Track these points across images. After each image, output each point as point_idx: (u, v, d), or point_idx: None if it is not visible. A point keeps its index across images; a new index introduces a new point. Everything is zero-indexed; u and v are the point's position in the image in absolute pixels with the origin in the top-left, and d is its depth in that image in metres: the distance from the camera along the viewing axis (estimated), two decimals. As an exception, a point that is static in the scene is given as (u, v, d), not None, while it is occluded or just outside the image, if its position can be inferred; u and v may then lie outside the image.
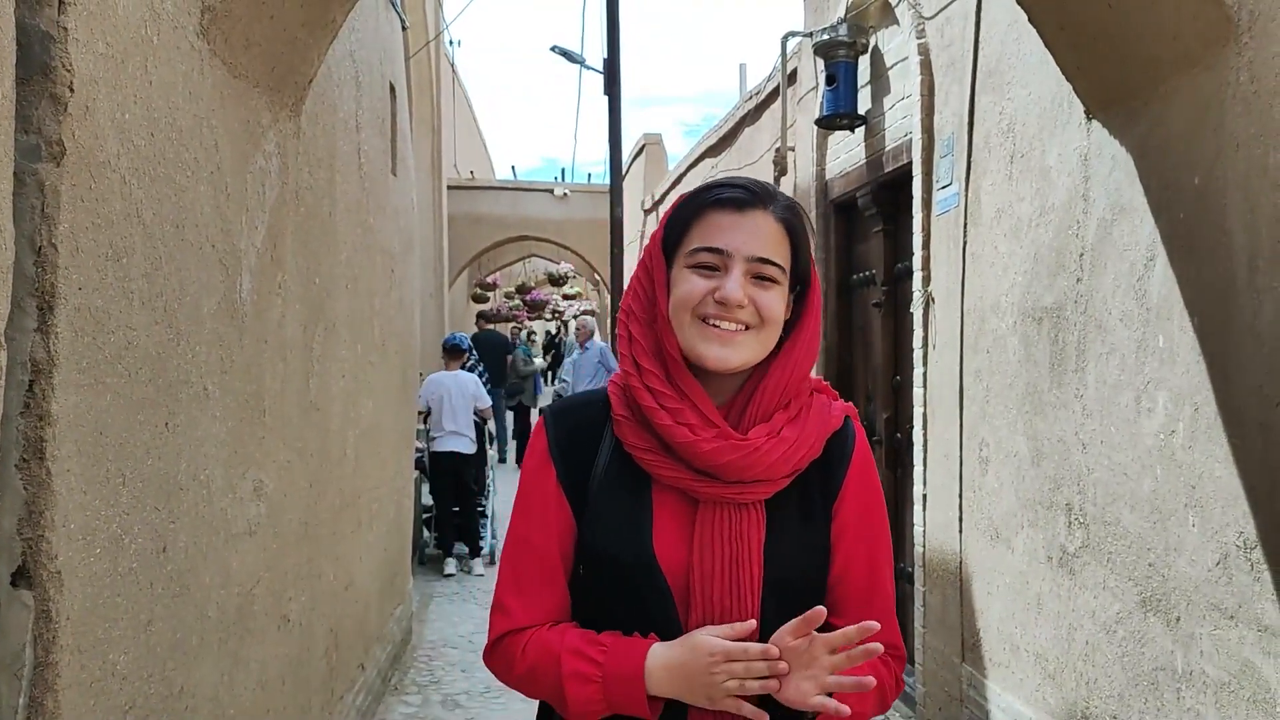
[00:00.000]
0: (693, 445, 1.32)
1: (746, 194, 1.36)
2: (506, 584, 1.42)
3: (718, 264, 1.34)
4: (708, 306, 1.33)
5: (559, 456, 1.41)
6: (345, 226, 3.88)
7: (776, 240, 1.36)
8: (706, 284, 1.34)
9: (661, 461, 1.35)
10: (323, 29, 2.80)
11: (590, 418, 1.44)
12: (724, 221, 1.35)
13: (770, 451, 1.33)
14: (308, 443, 3.27)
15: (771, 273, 1.35)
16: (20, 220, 1.55)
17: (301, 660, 3.21)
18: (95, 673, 1.74)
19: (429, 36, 10.58)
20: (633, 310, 1.41)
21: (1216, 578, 2.47)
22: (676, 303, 1.36)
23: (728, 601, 1.33)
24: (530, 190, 17.06)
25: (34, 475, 1.58)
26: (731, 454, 1.32)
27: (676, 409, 1.34)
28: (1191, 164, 2.53)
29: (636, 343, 1.39)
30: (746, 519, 1.35)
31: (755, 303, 1.34)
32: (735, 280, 1.33)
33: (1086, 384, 3.10)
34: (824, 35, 5.16)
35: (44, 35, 1.61)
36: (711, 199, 1.37)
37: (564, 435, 1.43)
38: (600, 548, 1.37)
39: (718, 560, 1.33)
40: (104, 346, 1.76)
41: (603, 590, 1.38)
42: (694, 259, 1.35)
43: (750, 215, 1.35)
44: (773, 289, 1.35)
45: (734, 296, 1.32)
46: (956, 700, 4.10)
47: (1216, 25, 2.36)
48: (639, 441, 1.37)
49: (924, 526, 4.47)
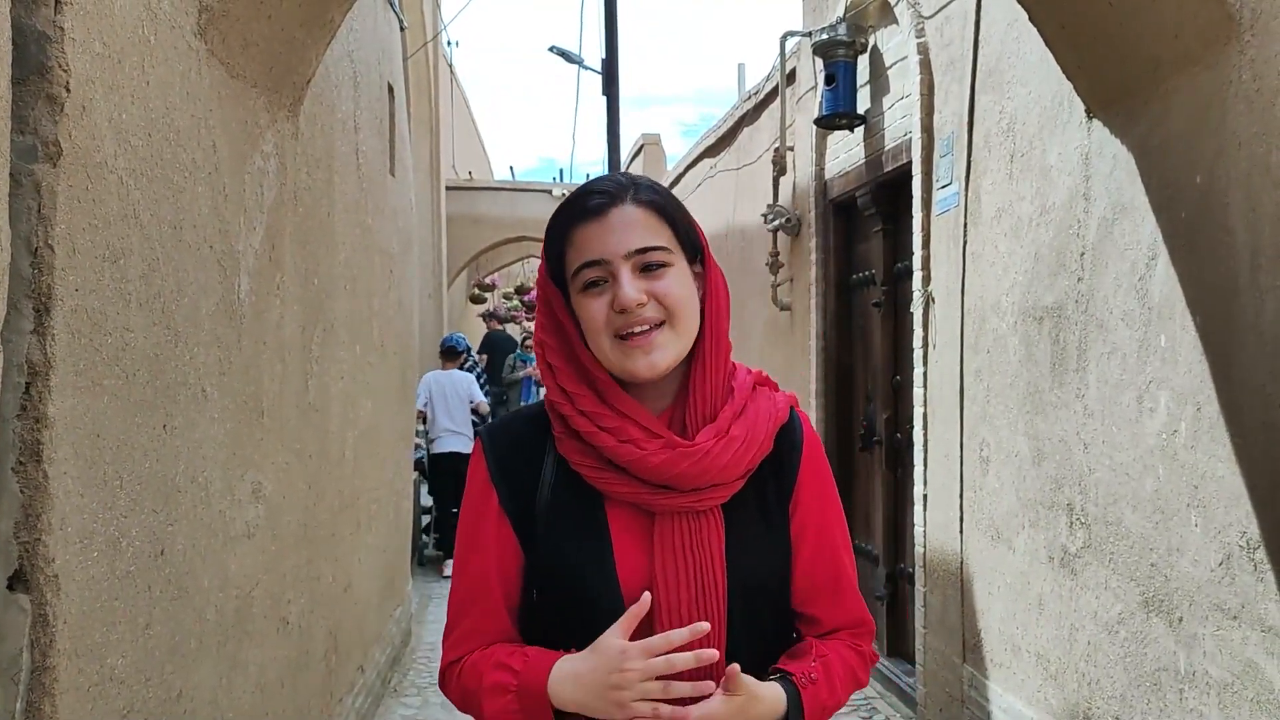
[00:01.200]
0: (642, 460, 1.29)
1: (601, 197, 1.33)
2: (451, 614, 1.41)
3: (604, 274, 1.31)
4: (615, 321, 1.30)
5: (500, 479, 1.38)
6: (344, 227, 3.87)
7: (648, 225, 1.32)
8: (604, 300, 1.31)
9: (612, 478, 1.32)
10: (321, 29, 2.79)
11: (530, 434, 1.40)
12: (590, 232, 1.32)
13: (721, 453, 1.30)
14: (306, 444, 3.25)
15: (656, 257, 1.31)
16: (17, 221, 1.54)
17: (301, 663, 3.20)
18: (93, 677, 1.73)
19: (427, 37, 10.57)
20: (546, 342, 1.38)
21: (1219, 578, 2.46)
22: (588, 329, 1.32)
23: (695, 611, 1.30)
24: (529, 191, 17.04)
25: (31, 478, 1.57)
26: (682, 463, 1.29)
27: (616, 427, 1.31)
28: (1193, 163, 2.52)
29: (560, 371, 1.35)
30: (706, 526, 1.32)
31: (654, 295, 1.30)
32: (625, 283, 1.29)
33: (1088, 384, 3.09)
34: (823, 35, 5.15)
35: (40, 35, 1.60)
36: (570, 215, 1.34)
37: (504, 455, 1.39)
38: (559, 569, 1.33)
39: (681, 571, 1.30)
40: (101, 348, 1.75)
41: (558, 613, 1.34)
42: (580, 279, 1.32)
43: (612, 214, 1.31)
44: (666, 272, 1.31)
45: (629, 298, 1.28)
46: (957, 701, 4.09)
47: (1218, 24, 2.35)
48: (585, 460, 1.33)
49: (924, 527, 4.46)
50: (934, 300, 4.37)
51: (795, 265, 6.38)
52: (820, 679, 1.35)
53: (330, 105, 3.62)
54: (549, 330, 1.38)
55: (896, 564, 5.11)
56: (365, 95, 4.43)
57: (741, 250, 7.39)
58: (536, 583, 1.37)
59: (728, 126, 7.97)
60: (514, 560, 1.38)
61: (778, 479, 1.39)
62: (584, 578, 1.31)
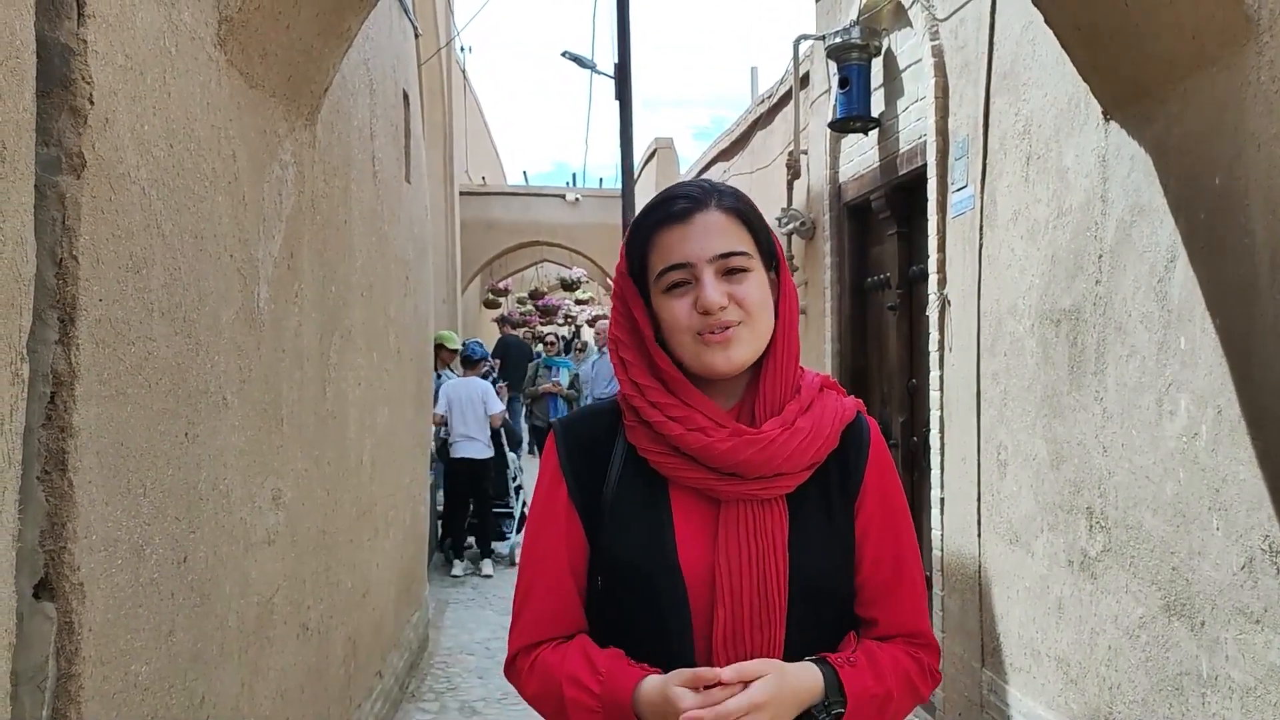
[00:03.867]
0: (709, 447, 1.33)
1: (686, 202, 1.38)
2: (519, 601, 1.45)
3: (687, 277, 1.35)
4: (696, 321, 1.35)
5: (570, 471, 1.42)
6: (361, 234, 3.89)
7: (731, 231, 1.37)
8: (687, 300, 1.35)
9: (680, 464, 1.36)
10: (338, 38, 2.81)
11: (600, 427, 1.45)
12: (675, 236, 1.36)
13: (787, 442, 1.34)
14: (325, 451, 3.27)
15: (738, 262, 1.36)
16: (41, 233, 1.56)
17: (320, 668, 3.21)
18: (117, 684, 1.74)
19: (440, 43, 10.61)
20: (620, 339, 1.43)
21: (1242, 581, 2.44)
22: (670, 329, 1.37)
23: (755, 599, 1.33)
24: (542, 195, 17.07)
25: (56, 487, 1.58)
26: (748, 449, 1.32)
27: (684, 416, 1.35)
28: (1211, 164, 2.51)
29: (632, 365, 1.40)
30: (770, 515, 1.35)
31: (734, 298, 1.34)
32: (708, 286, 1.33)
33: (1106, 386, 3.08)
34: (836, 38, 5.15)
35: (64, 48, 1.62)
36: (656, 220, 1.39)
37: (575, 447, 1.44)
38: (622, 556, 1.37)
39: (744, 558, 1.33)
40: (124, 358, 1.77)
41: (622, 600, 1.37)
42: (665, 281, 1.37)
43: (697, 220, 1.36)
44: (747, 277, 1.36)
45: (712, 301, 1.33)
46: (977, 706, 4.07)
47: (1235, 24, 2.34)
48: (655, 446, 1.37)
49: (941, 531, 4.45)
50: (950, 303, 4.36)
51: (810, 269, 6.37)
52: (862, 665, 1.35)
53: (347, 113, 3.64)
54: (624, 327, 1.43)
55: (914, 568, 5.09)
56: (381, 103, 4.45)
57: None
58: (600, 569, 1.40)
59: (741, 130, 7.98)
60: (580, 549, 1.42)
61: (843, 476, 1.41)
62: (646, 561, 1.35)
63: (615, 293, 1.45)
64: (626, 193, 11.95)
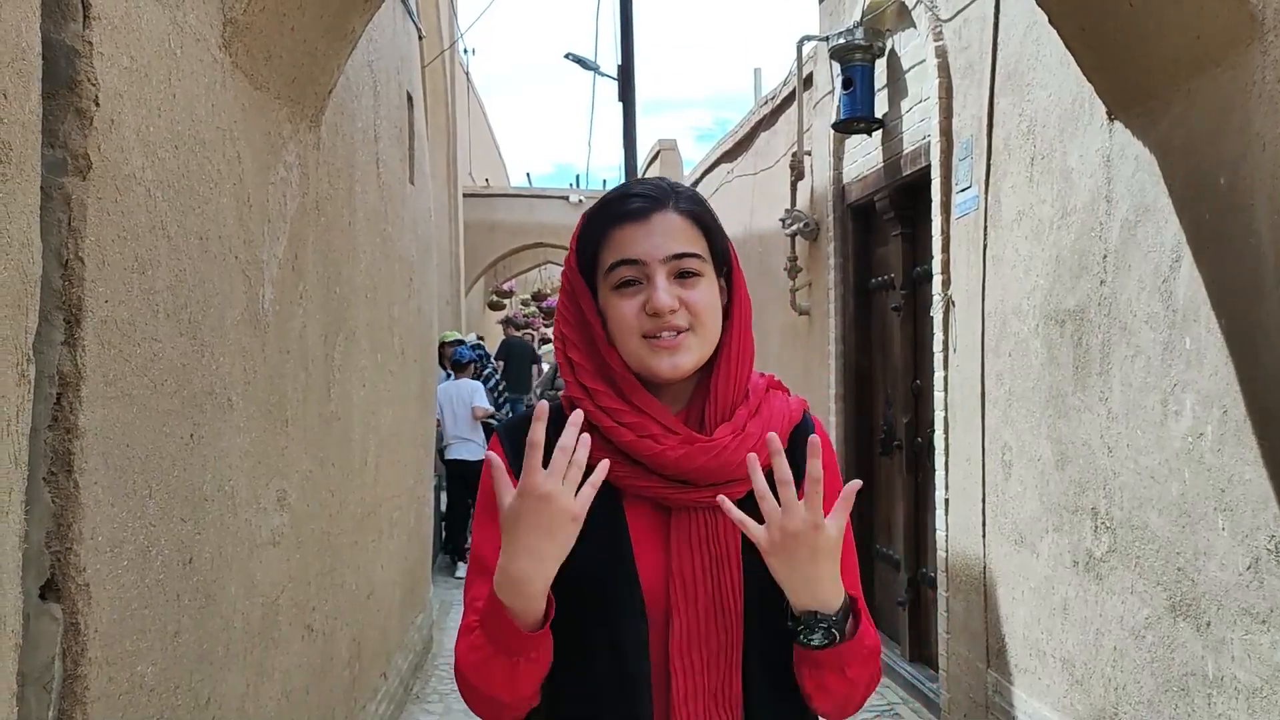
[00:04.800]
0: (660, 455, 1.30)
1: (645, 200, 1.35)
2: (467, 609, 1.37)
3: (638, 275, 1.33)
4: (644, 323, 1.32)
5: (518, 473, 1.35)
6: (365, 236, 3.89)
7: (687, 233, 1.35)
8: (635, 301, 1.33)
9: (630, 471, 1.33)
10: (342, 40, 2.81)
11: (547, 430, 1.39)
12: (630, 233, 1.34)
13: (739, 449, 1.31)
14: (329, 452, 3.27)
15: (691, 265, 1.33)
16: (47, 234, 1.56)
17: (325, 669, 3.21)
18: (123, 685, 1.74)
19: (444, 45, 10.62)
20: (567, 336, 1.39)
21: (1248, 582, 2.44)
22: (615, 328, 1.34)
23: (711, 607, 1.31)
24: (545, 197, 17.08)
25: (62, 488, 1.59)
26: (701, 457, 1.30)
27: (636, 423, 1.32)
28: (1217, 164, 2.51)
29: (579, 367, 1.36)
30: (722, 521, 1.32)
31: (685, 302, 1.32)
32: (660, 288, 1.31)
33: (1111, 387, 3.08)
34: (840, 39, 5.15)
35: (69, 50, 1.62)
36: (612, 215, 1.36)
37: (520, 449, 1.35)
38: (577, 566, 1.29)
39: (698, 566, 1.31)
40: (130, 359, 1.77)
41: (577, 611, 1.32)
42: (614, 277, 1.34)
43: (654, 219, 1.34)
44: (698, 282, 1.34)
45: (663, 303, 1.30)
46: (982, 707, 4.07)
47: (1240, 25, 2.33)
48: (603, 453, 1.32)
49: (946, 531, 4.44)
50: (954, 304, 4.35)
51: (813, 270, 6.37)
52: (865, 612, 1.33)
53: (351, 115, 3.64)
54: (572, 325, 1.39)
55: (918, 569, 5.09)
56: (385, 104, 4.46)
57: (759, 255, 7.39)
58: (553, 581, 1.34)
59: (744, 131, 7.97)
60: None
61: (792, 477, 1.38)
62: (603, 574, 1.32)
63: (563, 288, 1.42)
64: (630, 194, 11.91)
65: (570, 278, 1.40)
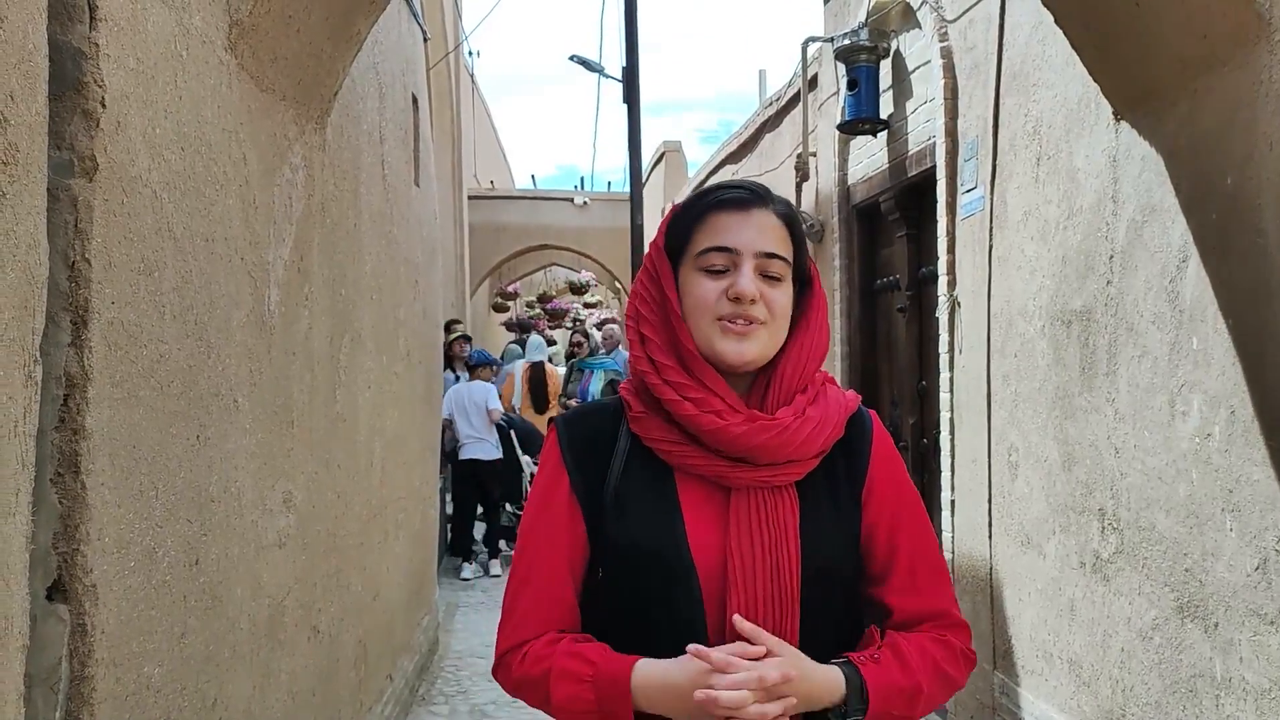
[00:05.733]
0: (723, 430, 1.33)
1: (748, 194, 1.40)
2: (511, 596, 1.42)
3: (727, 263, 1.37)
4: (723, 306, 1.36)
5: (572, 463, 1.41)
6: (370, 238, 3.90)
7: (780, 236, 1.40)
8: (719, 284, 1.36)
9: (690, 451, 1.36)
10: (347, 41, 2.81)
11: (603, 421, 1.45)
12: (729, 221, 1.38)
13: (800, 429, 1.34)
14: (335, 454, 3.27)
15: (778, 269, 1.38)
16: (54, 236, 1.56)
17: (331, 671, 3.21)
18: (130, 686, 1.74)
19: (449, 47, 10.63)
20: (641, 314, 1.42)
21: (1256, 583, 2.43)
22: (692, 305, 1.38)
23: (769, 587, 1.32)
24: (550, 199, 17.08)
25: (69, 489, 1.59)
26: (763, 434, 1.33)
27: (700, 398, 1.34)
28: (1223, 164, 2.50)
29: (650, 342, 1.40)
30: (781, 503, 1.35)
31: (765, 298, 1.36)
32: (747, 276, 1.35)
33: (1118, 388, 3.07)
34: (845, 40, 5.14)
35: (76, 51, 1.62)
36: (714, 200, 1.40)
37: (577, 440, 1.43)
38: (632, 544, 1.36)
39: (757, 546, 1.33)
40: (137, 360, 1.77)
41: (633, 588, 1.36)
42: (704, 261, 1.38)
43: (753, 213, 1.39)
44: (779, 285, 1.38)
45: (748, 290, 1.34)
46: (988, 708, 4.06)
47: (1247, 24, 2.33)
48: (663, 435, 1.37)
49: (952, 532, 4.43)
50: (960, 305, 4.35)
51: (819, 271, 6.36)
52: (886, 660, 1.34)
53: (356, 117, 3.65)
54: (649, 302, 1.42)
55: (924, 570, 5.08)
56: (390, 106, 4.46)
57: (764, 256, 7.37)
58: (605, 562, 1.39)
59: (749, 133, 7.97)
60: (581, 543, 1.41)
61: (849, 464, 1.43)
62: (657, 552, 1.34)
63: (645, 268, 1.45)
64: (635, 196, 11.96)
65: (655, 258, 1.44)
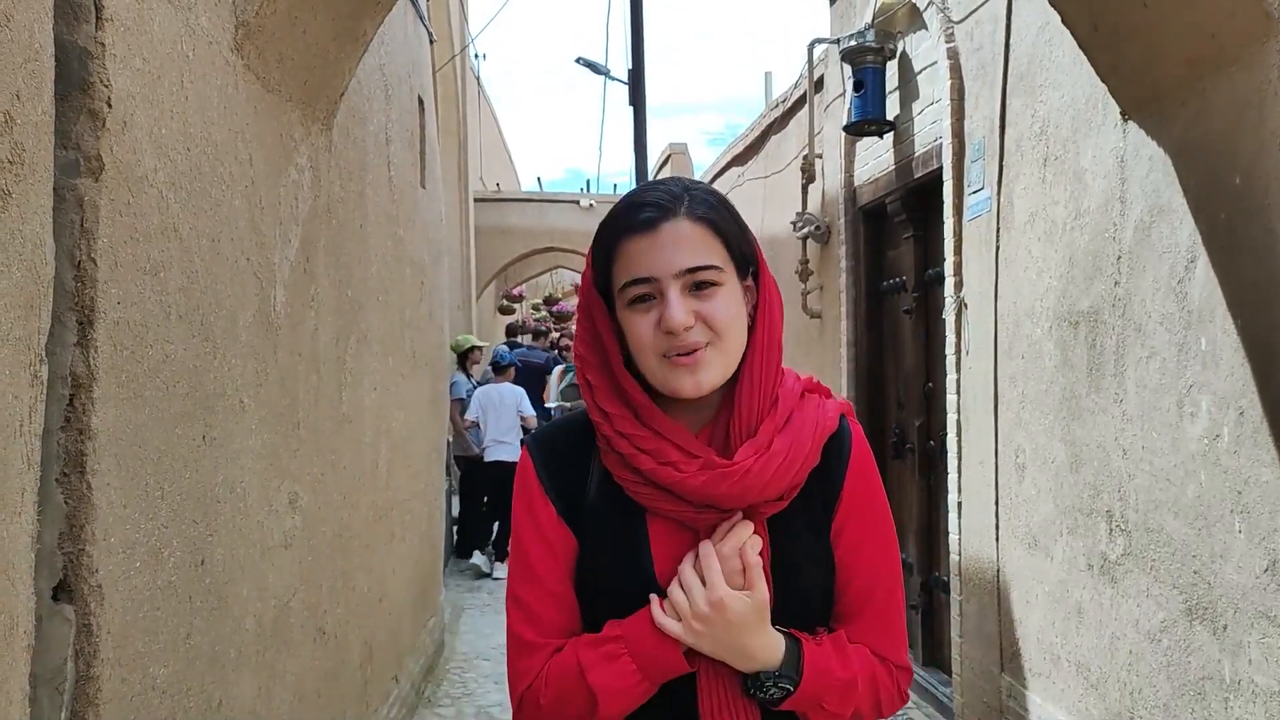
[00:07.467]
0: (681, 482, 1.25)
1: (653, 210, 1.27)
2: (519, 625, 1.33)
3: (651, 291, 1.26)
4: (660, 342, 1.26)
5: (550, 485, 1.35)
6: (376, 239, 3.90)
7: (701, 242, 1.27)
8: (651, 318, 1.26)
9: (655, 494, 1.28)
10: (353, 43, 2.82)
11: (575, 441, 1.37)
12: (639, 246, 1.26)
13: (761, 472, 1.25)
14: (341, 455, 3.27)
15: (707, 276, 1.26)
16: (60, 235, 1.56)
17: (337, 672, 3.21)
18: (136, 686, 1.74)
19: (455, 49, 10.64)
20: (585, 357, 1.34)
21: (1265, 584, 2.41)
22: (635, 346, 1.28)
23: None
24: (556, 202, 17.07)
25: (74, 489, 1.59)
26: (722, 484, 1.24)
27: (655, 449, 1.27)
28: (1232, 163, 2.49)
29: (598, 390, 1.32)
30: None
31: (702, 315, 1.25)
32: (673, 305, 1.24)
33: (1126, 389, 3.06)
34: (851, 41, 5.13)
35: (82, 51, 1.62)
36: (621, 227, 1.29)
37: (550, 461, 1.36)
38: (600, 580, 1.31)
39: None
40: (143, 360, 1.77)
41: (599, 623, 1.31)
42: (628, 294, 1.27)
43: (663, 230, 1.26)
44: (716, 292, 1.26)
45: (677, 322, 1.23)
46: (996, 711, 4.04)
47: (1255, 23, 2.32)
48: (629, 476, 1.30)
49: (959, 535, 4.42)
50: (966, 306, 4.33)
51: (825, 273, 6.36)
52: (827, 647, 1.30)
53: (362, 118, 3.65)
54: (589, 346, 1.34)
55: (931, 573, 5.07)
56: (396, 108, 4.47)
57: (770, 259, 7.30)
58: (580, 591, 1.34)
59: (755, 135, 7.97)
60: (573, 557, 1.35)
61: (824, 492, 1.35)
62: (626, 594, 1.29)
63: (580, 305, 1.36)
64: (641, 198, 11.91)
65: (586, 294, 1.35)
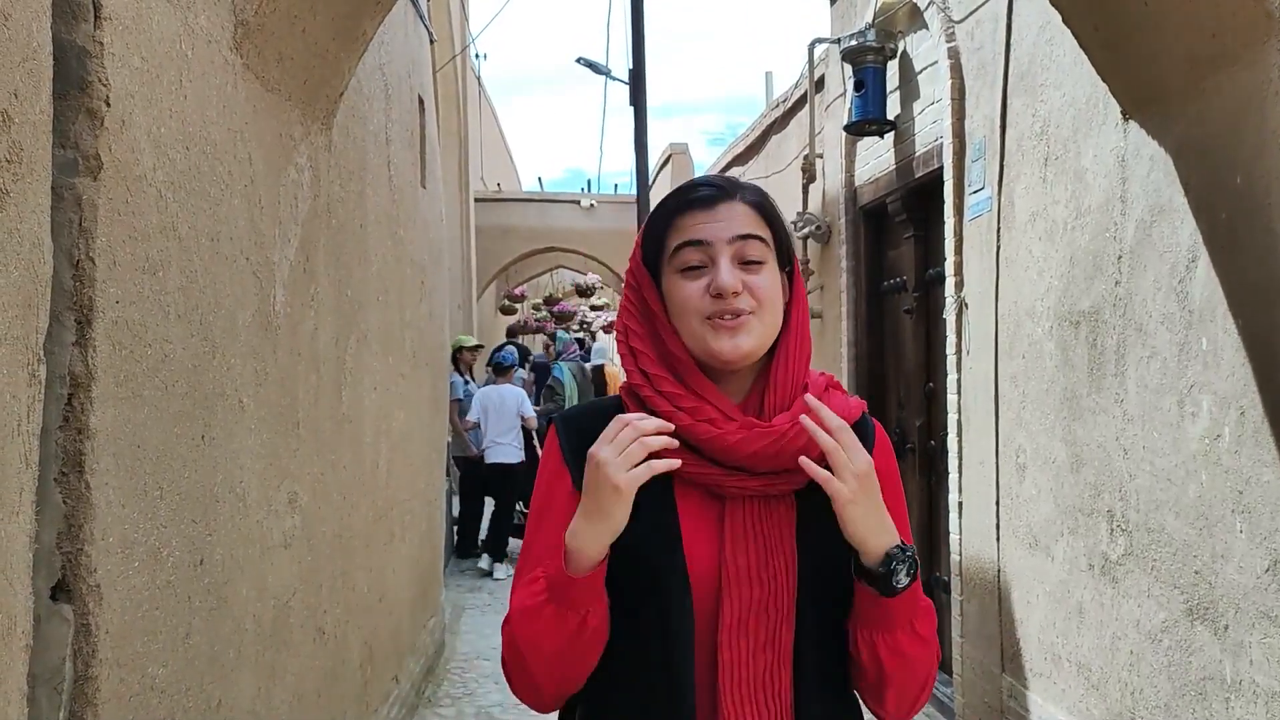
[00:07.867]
0: (718, 439, 1.30)
1: (712, 189, 1.38)
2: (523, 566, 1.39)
3: (703, 258, 1.34)
4: (707, 304, 1.33)
5: (574, 462, 1.38)
6: (376, 239, 3.90)
7: (753, 220, 1.37)
8: (699, 283, 1.34)
9: (687, 459, 1.32)
10: (353, 42, 2.81)
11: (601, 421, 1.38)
12: (697, 218, 1.36)
13: (797, 437, 1.30)
14: (341, 455, 3.27)
15: (756, 250, 1.35)
16: (58, 234, 1.56)
17: (336, 673, 3.21)
18: (134, 686, 1.74)
19: (455, 49, 10.64)
20: (629, 328, 1.40)
21: (1266, 585, 2.41)
22: (678, 309, 1.35)
23: (764, 596, 1.30)
24: (557, 202, 17.07)
25: (73, 489, 1.58)
26: (759, 442, 1.29)
27: (694, 407, 1.32)
28: (1233, 163, 2.48)
29: (641, 354, 1.38)
30: (777, 511, 1.33)
31: (749, 287, 1.33)
32: (725, 268, 1.32)
33: (1127, 388, 3.05)
34: (852, 41, 5.13)
35: (80, 50, 1.62)
36: (682, 202, 1.38)
37: (575, 439, 1.40)
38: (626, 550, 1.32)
39: (751, 555, 1.31)
40: (141, 360, 1.77)
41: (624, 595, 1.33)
42: (679, 260, 1.35)
43: (720, 207, 1.36)
44: (762, 269, 1.35)
45: (728, 283, 1.31)
46: (997, 712, 4.04)
47: (1256, 22, 2.31)
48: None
49: (960, 535, 4.41)
50: (967, 306, 4.33)
51: (825, 273, 6.35)
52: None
53: (362, 118, 3.65)
54: (635, 315, 1.40)
55: (931, 573, 5.06)
56: (396, 108, 4.46)
57: (771, 258, 7.37)
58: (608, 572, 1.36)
59: (756, 134, 7.97)
60: None
61: None
62: (650, 559, 1.32)
63: (627, 283, 1.43)
64: (641, 199, 11.94)
65: (635, 271, 1.42)
